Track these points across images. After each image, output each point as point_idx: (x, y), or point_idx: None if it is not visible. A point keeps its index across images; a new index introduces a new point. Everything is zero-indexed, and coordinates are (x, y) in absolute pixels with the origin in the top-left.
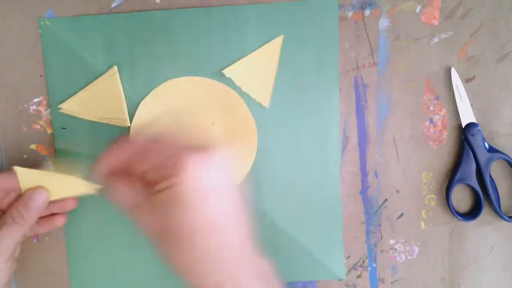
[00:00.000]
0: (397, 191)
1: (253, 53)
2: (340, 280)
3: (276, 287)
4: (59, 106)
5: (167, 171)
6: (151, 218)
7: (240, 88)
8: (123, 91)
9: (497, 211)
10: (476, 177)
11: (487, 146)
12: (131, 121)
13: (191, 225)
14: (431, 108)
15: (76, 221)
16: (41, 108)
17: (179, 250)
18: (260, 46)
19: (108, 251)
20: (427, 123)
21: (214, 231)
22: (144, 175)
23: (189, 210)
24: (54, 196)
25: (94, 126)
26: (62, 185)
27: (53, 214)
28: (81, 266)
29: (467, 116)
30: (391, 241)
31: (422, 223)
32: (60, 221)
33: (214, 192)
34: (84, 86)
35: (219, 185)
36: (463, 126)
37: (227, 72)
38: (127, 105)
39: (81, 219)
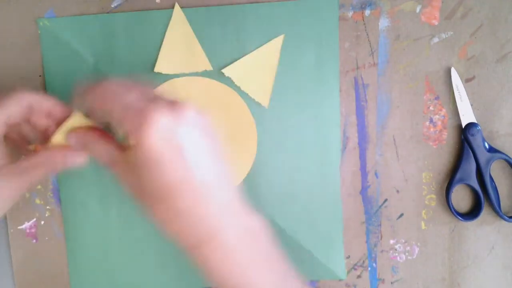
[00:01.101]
0: (397, 191)
1: (253, 52)
2: (340, 280)
3: (264, 243)
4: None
5: (134, 124)
6: (127, 174)
7: (239, 88)
8: None
9: (497, 211)
10: (476, 177)
11: (487, 146)
12: None
13: (163, 184)
14: (431, 108)
15: (76, 221)
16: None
17: (156, 208)
18: (260, 46)
19: (108, 251)
20: (427, 123)
21: (194, 189)
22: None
23: (158, 169)
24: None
25: None
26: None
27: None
28: (81, 266)
29: (467, 116)
30: (391, 241)
31: (422, 223)
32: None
33: (187, 149)
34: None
35: (193, 141)
36: (463, 126)
37: (227, 71)
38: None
39: (81, 219)
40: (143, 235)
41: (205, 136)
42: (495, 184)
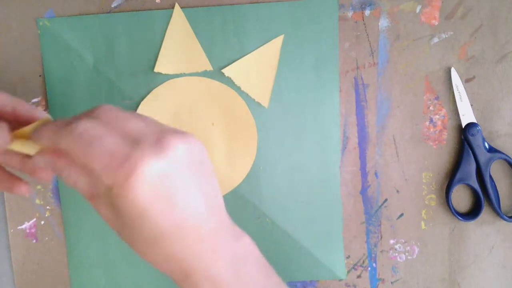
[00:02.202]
0: (397, 191)
1: (253, 52)
2: (340, 280)
3: (257, 269)
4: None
5: (118, 175)
6: (111, 214)
7: (239, 88)
8: (123, 90)
9: (497, 211)
10: (476, 177)
11: (487, 146)
12: None
13: (151, 233)
14: (431, 108)
15: (76, 221)
16: (40, 108)
17: (143, 250)
18: (260, 46)
19: (108, 251)
20: (427, 123)
21: (181, 233)
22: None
23: (146, 220)
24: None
25: None
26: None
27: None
28: (81, 266)
29: (467, 116)
30: (391, 241)
31: (422, 223)
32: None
33: (178, 194)
34: (83, 86)
35: (183, 182)
36: (463, 126)
37: (227, 71)
38: (126, 104)
39: (81, 219)
40: None
41: (195, 171)
42: (495, 184)
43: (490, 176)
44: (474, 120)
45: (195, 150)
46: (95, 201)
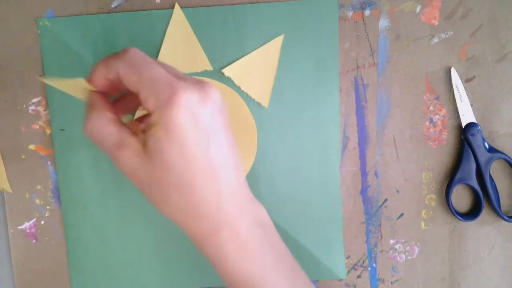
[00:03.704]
0: (397, 191)
1: (253, 52)
2: (340, 280)
3: (272, 234)
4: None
5: (161, 97)
6: (138, 160)
7: (239, 88)
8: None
9: (497, 211)
10: (476, 177)
11: (487, 146)
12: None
13: (190, 168)
14: (431, 108)
15: (76, 221)
16: (40, 108)
17: (174, 195)
18: (260, 46)
19: (108, 251)
20: (427, 123)
21: (214, 174)
22: (131, 103)
23: (187, 152)
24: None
25: None
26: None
27: None
28: (81, 266)
29: (467, 116)
30: (391, 241)
31: (422, 223)
32: None
33: (212, 133)
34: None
35: (216, 123)
36: (463, 126)
37: (226, 71)
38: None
39: (81, 219)
40: (143, 235)
41: (225, 121)
42: (495, 184)
43: (490, 176)
44: (474, 120)
45: (223, 104)
46: (120, 150)
